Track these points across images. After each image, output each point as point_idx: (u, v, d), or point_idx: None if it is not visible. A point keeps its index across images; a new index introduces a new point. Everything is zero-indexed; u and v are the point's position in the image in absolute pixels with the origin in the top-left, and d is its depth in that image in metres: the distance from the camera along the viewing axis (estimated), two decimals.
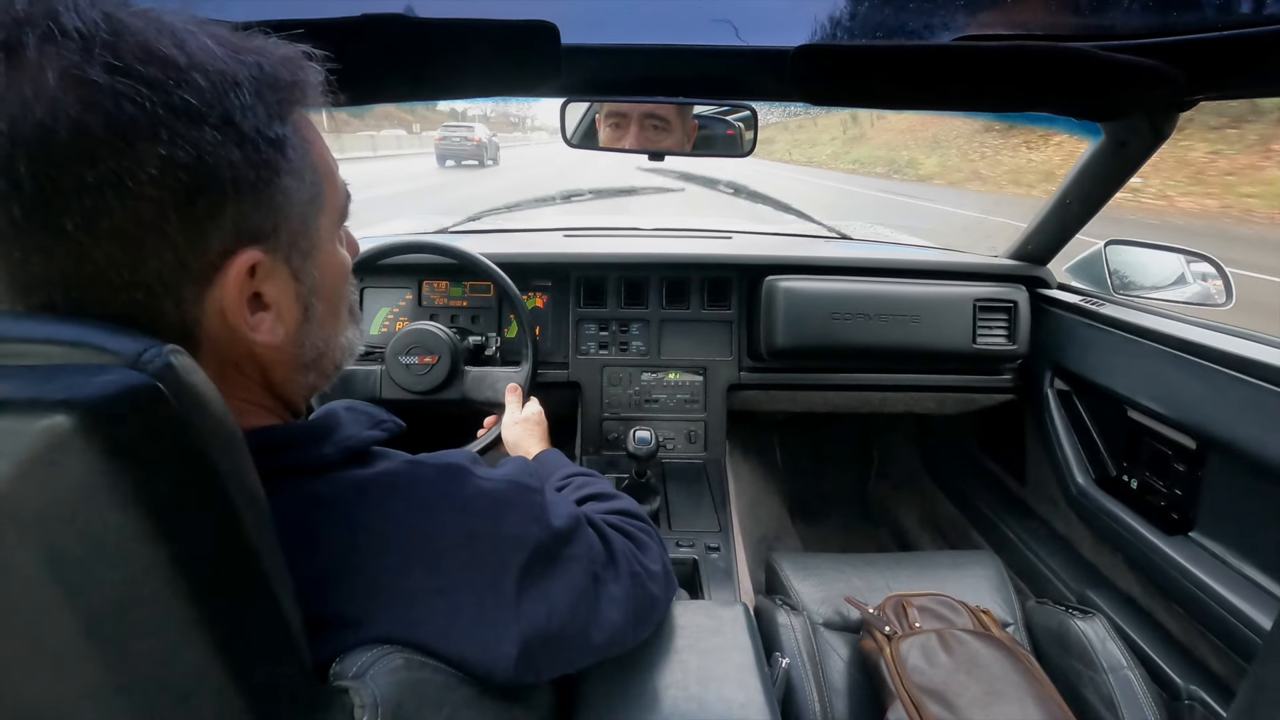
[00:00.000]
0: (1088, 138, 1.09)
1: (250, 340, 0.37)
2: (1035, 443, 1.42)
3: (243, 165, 0.34)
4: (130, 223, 0.30)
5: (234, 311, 0.36)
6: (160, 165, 0.30)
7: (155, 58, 0.30)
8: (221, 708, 0.26)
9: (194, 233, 0.33)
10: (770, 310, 1.30)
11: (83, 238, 0.30)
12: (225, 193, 0.33)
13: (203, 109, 0.32)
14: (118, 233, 0.30)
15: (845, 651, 0.97)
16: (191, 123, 0.31)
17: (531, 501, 0.46)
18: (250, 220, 0.35)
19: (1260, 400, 0.86)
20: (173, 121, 0.31)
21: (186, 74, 0.31)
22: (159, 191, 0.31)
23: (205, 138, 0.32)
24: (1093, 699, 0.89)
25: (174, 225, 0.32)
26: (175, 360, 0.26)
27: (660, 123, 1.04)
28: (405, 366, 1.10)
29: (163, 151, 0.30)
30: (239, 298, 0.36)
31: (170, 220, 0.32)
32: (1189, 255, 1.18)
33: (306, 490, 0.38)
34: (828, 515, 1.95)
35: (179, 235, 0.32)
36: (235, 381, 0.39)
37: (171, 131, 0.31)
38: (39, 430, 0.21)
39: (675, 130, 1.06)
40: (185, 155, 0.31)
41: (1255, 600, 0.87)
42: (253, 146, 0.34)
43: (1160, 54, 0.71)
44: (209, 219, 0.33)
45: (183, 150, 0.31)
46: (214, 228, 0.33)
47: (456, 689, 0.39)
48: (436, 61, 0.73)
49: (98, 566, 0.23)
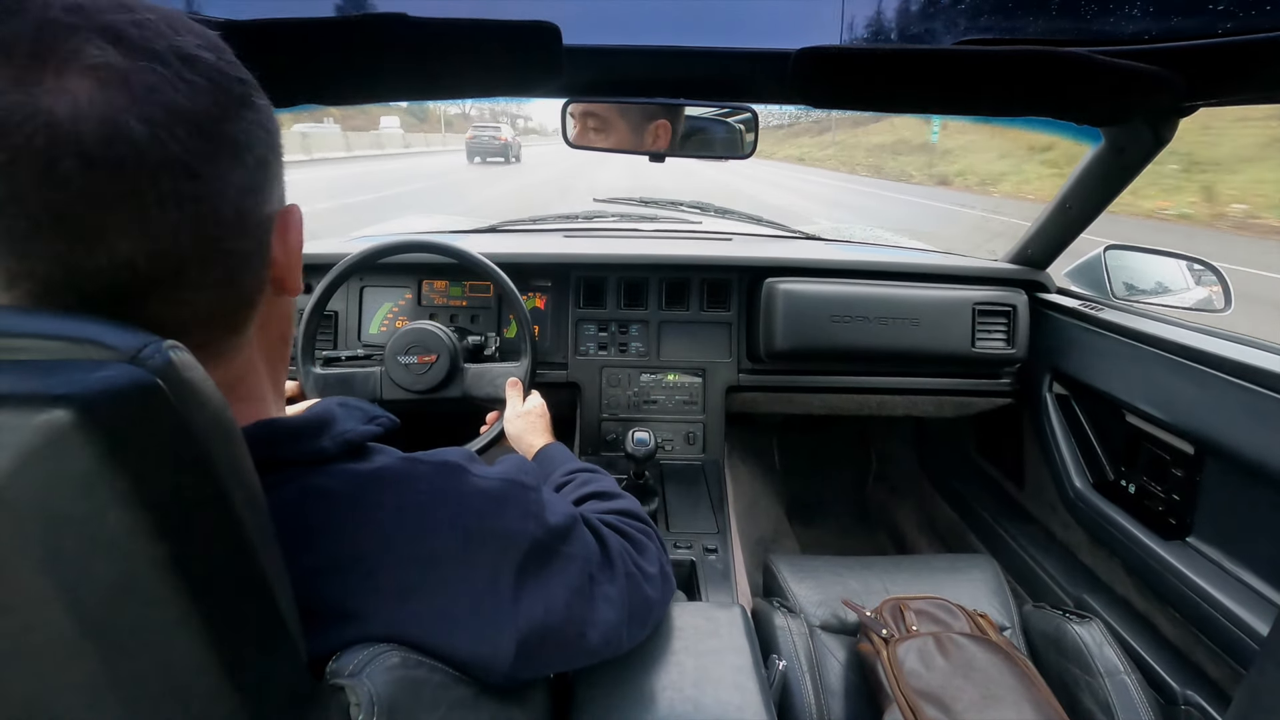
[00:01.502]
0: (1087, 143, 1.09)
1: (291, 290, 0.41)
2: (1033, 446, 1.42)
3: (277, 135, 0.38)
4: (244, 179, 0.34)
5: (295, 259, 0.40)
6: (257, 128, 0.35)
7: (215, 41, 0.34)
8: (217, 704, 0.26)
9: (269, 190, 0.37)
10: (770, 312, 1.31)
11: (219, 192, 0.33)
12: (278, 154, 0.38)
13: (250, 90, 0.36)
14: (239, 188, 0.34)
15: (842, 654, 0.97)
16: (257, 94, 0.36)
17: (527, 499, 0.46)
18: (282, 181, 0.40)
19: (1258, 406, 0.86)
20: (253, 92, 0.36)
21: (230, 58, 0.35)
22: (259, 150, 0.35)
23: (265, 106, 0.37)
24: (1089, 703, 0.89)
25: (261, 182, 0.36)
26: (175, 356, 0.26)
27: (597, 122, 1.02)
28: (404, 366, 1.10)
29: (254, 116, 0.35)
30: (300, 247, 0.40)
31: (259, 178, 0.36)
32: (1188, 261, 1.19)
33: (304, 483, 0.38)
34: (825, 518, 1.95)
35: (262, 192, 0.36)
36: (262, 342, 0.42)
37: (254, 99, 0.35)
38: (38, 424, 0.21)
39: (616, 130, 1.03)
40: (264, 120, 0.36)
41: (1252, 606, 0.87)
42: (273, 118, 0.38)
43: (1160, 59, 0.71)
44: (275, 178, 0.38)
45: (262, 115, 0.36)
46: (274, 186, 0.38)
47: (452, 688, 0.39)
48: (439, 61, 0.73)
49: (94, 561, 0.22)
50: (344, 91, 0.80)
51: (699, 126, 1.03)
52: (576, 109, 0.99)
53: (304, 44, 0.67)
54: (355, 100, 0.83)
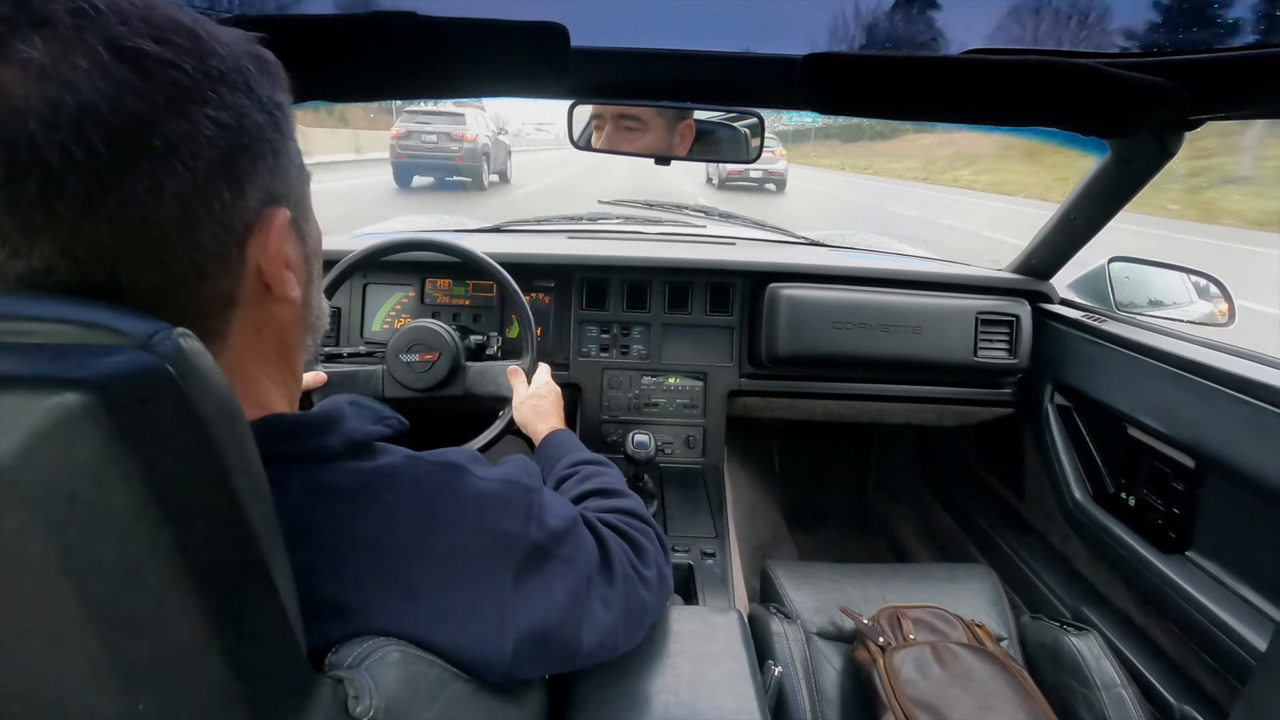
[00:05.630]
0: (1093, 154, 1.09)
1: (280, 297, 0.39)
2: (1034, 457, 1.41)
3: (267, 128, 0.36)
4: (189, 184, 0.32)
5: (277, 267, 0.38)
6: (210, 127, 0.32)
7: (182, 28, 0.32)
8: (217, 691, 0.26)
9: (237, 193, 0.34)
10: (772, 318, 1.31)
11: (151, 201, 0.30)
12: (256, 154, 0.35)
13: (231, 75, 0.33)
14: (179, 195, 0.31)
15: (839, 661, 0.96)
16: (226, 88, 0.33)
17: (528, 501, 0.46)
18: (273, 181, 0.37)
19: (1261, 421, 0.86)
20: (214, 86, 0.32)
21: (209, 44, 0.33)
22: (212, 152, 0.32)
23: (239, 102, 0.34)
24: (1085, 716, 0.88)
25: (222, 185, 0.33)
26: (185, 344, 0.26)
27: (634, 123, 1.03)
28: (406, 364, 1.10)
29: (210, 113, 0.32)
30: (280, 253, 0.38)
31: (219, 181, 0.33)
32: (1192, 274, 1.18)
33: (310, 479, 0.38)
34: (824, 524, 1.95)
35: (226, 195, 0.34)
36: (257, 348, 0.40)
37: (215, 95, 0.32)
38: (48, 407, 0.21)
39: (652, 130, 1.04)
40: (228, 118, 0.33)
41: (1250, 621, 0.87)
42: (267, 112, 0.36)
43: (1168, 72, 0.71)
44: (248, 180, 0.35)
45: (225, 113, 0.33)
46: (251, 188, 0.35)
47: (451, 684, 0.39)
48: (445, 60, 0.73)
49: (101, 544, 0.23)
50: (350, 89, 0.80)
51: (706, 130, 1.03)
52: (610, 110, 0.99)
53: (310, 41, 0.67)
54: (361, 98, 0.84)
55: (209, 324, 0.36)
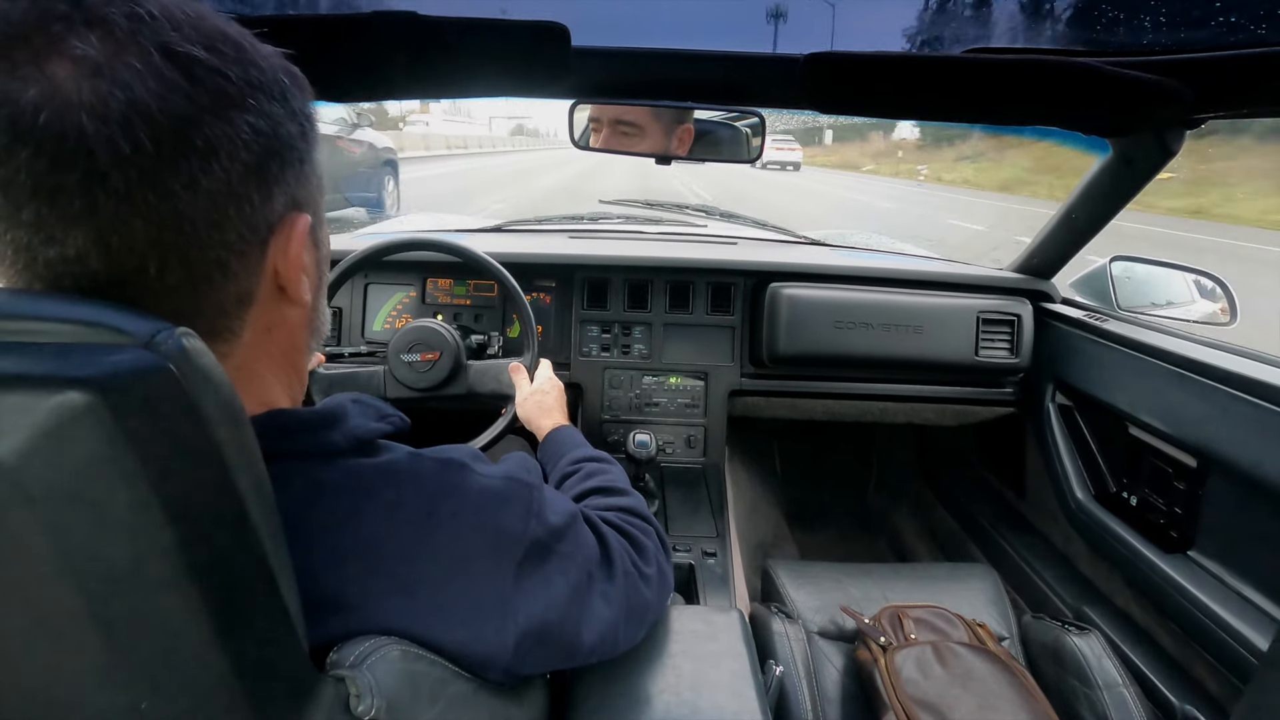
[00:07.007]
0: (1095, 153, 1.09)
1: (293, 299, 0.40)
2: (1035, 456, 1.41)
3: (297, 138, 0.37)
4: (223, 184, 0.33)
5: (294, 270, 0.39)
6: (248, 132, 0.34)
7: (229, 38, 0.34)
8: (219, 690, 0.26)
9: (265, 195, 0.36)
10: (773, 317, 1.31)
11: (187, 197, 0.32)
12: (286, 160, 0.37)
13: (270, 85, 0.35)
14: (213, 193, 0.33)
15: (840, 661, 0.96)
16: (265, 96, 0.35)
17: (529, 498, 0.46)
18: (298, 188, 0.38)
19: (1262, 420, 0.86)
20: (254, 94, 0.34)
21: (251, 54, 0.35)
22: (247, 155, 0.34)
23: (275, 110, 0.35)
24: (1087, 716, 0.88)
25: (253, 188, 0.35)
26: (188, 343, 0.26)
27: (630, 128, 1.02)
28: (408, 364, 1.10)
29: (249, 119, 0.34)
30: (299, 257, 0.39)
31: (250, 183, 0.35)
32: (1194, 273, 1.18)
33: (313, 475, 0.38)
34: (825, 523, 1.95)
35: (255, 197, 0.35)
36: (266, 349, 0.41)
37: (255, 103, 0.34)
38: (52, 406, 0.21)
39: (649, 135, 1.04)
40: (264, 125, 0.34)
41: (1252, 621, 0.87)
42: (299, 122, 0.37)
43: (1169, 71, 0.71)
44: (276, 184, 0.36)
45: (262, 120, 0.34)
46: (279, 193, 0.37)
47: (451, 683, 0.39)
48: (446, 60, 0.73)
49: (103, 542, 0.23)
50: (351, 89, 0.80)
51: (707, 129, 1.03)
52: (607, 114, 0.99)
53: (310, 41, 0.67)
54: (361, 98, 0.84)
55: (225, 321, 0.37)
